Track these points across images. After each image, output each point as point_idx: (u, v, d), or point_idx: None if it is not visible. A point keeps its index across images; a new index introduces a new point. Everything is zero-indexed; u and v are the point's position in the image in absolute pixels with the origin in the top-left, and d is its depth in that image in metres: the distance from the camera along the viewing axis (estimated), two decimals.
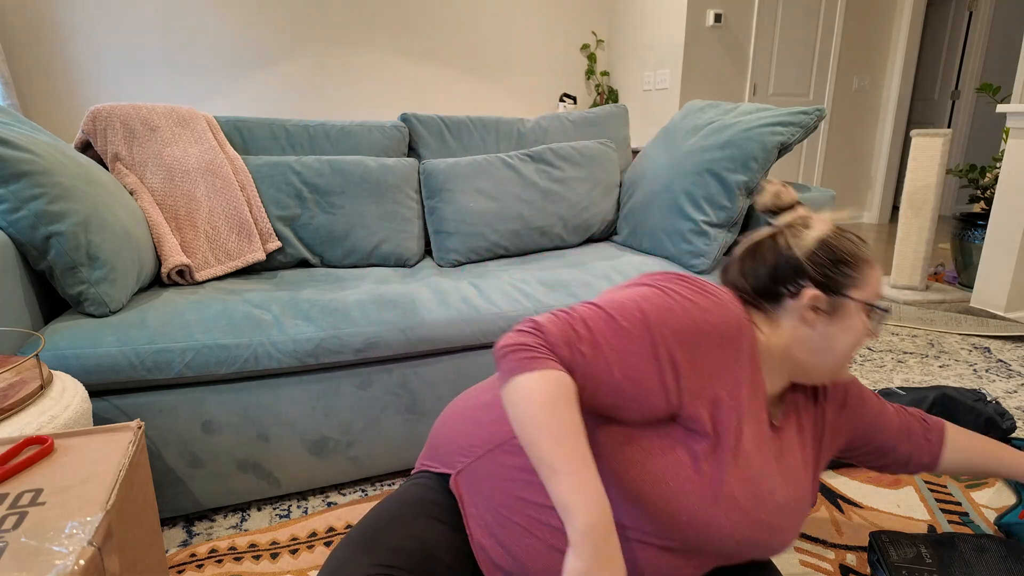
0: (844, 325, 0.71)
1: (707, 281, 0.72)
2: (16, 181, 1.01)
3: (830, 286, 0.71)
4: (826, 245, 0.72)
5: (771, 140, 1.41)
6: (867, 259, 0.73)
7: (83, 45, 3.17)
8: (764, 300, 0.74)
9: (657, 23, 3.85)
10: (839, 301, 0.71)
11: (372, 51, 3.78)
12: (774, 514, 0.70)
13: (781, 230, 0.75)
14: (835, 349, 0.72)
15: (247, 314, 1.14)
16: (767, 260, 0.73)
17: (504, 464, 0.72)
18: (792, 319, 0.72)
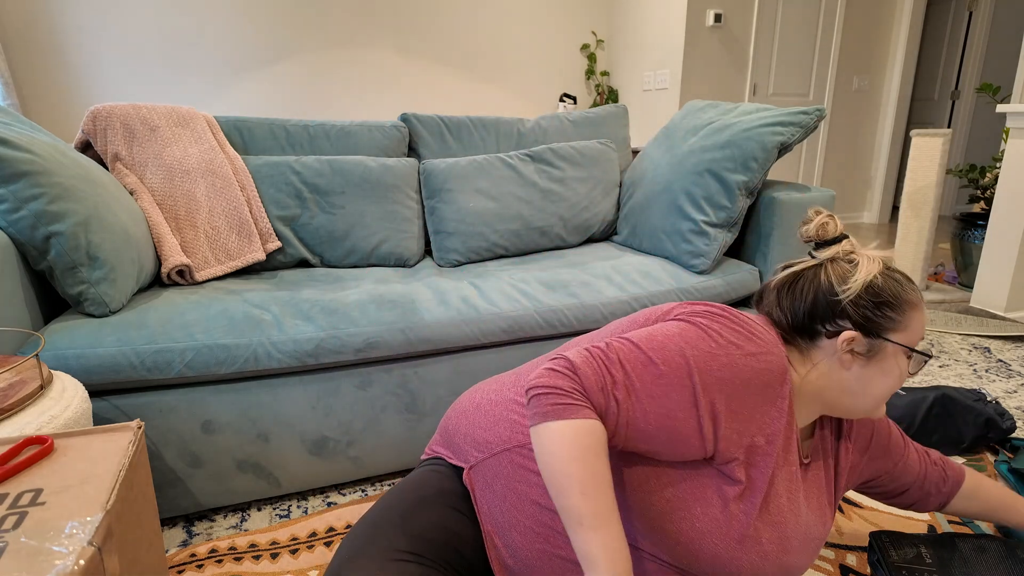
0: (881, 368, 0.69)
1: (747, 316, 0.69)
2: (16, 181, 1.01)
3: (870, 328, 0.68)
4: (871, 287, 0.69)
5: (771, 140, 1.41)
6: (912, 302, 0.70)
7: (83, 45, 3.17)
8: (799, 336, 0.72)
9: (657, 23, 3.85)
10: (878, 344, 0.68)
11: (372, 51, 3.78)
12: (794, 555, 0.69)
13: (824, 264, 0.72)
14: (869, 392, 0.69)
15: (247, 314, 1.14)
16: (807, 297, 0.71)
17: (519, 466, 0.71)
18: (827, 358, 0.70)
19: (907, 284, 0.71)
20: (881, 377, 0.69)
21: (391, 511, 0.71)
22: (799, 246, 1.50)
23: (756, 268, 1.53)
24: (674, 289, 1.41)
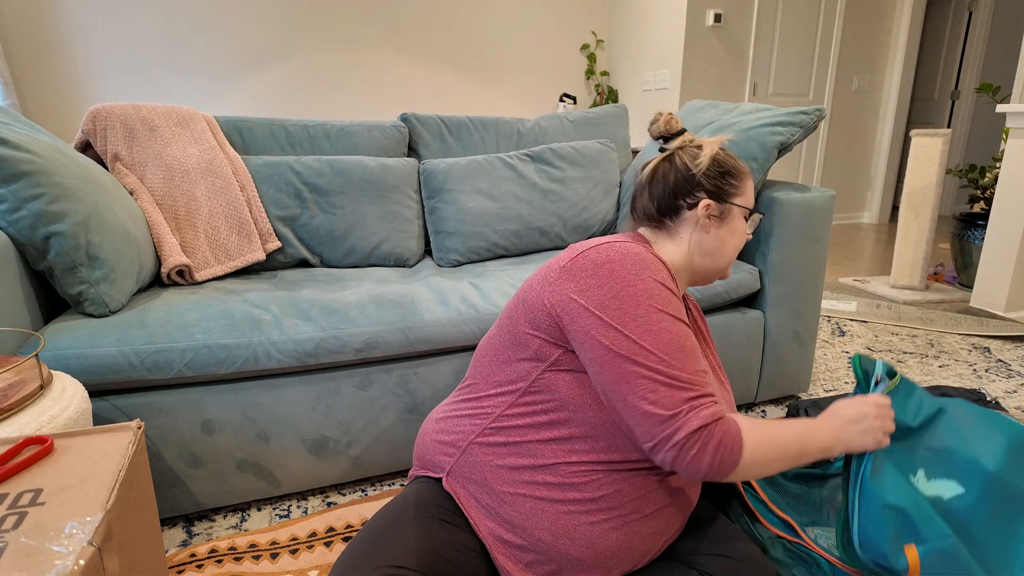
0: (731, 228, 0.85)
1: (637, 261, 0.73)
2: (16, 181, 1.01)
3: (720, 194, 0.84)
4: (716, 161, 0.84)
5: (771, 140, 1.41)
6: (745, 171, 0.86)
7: (83, 45, 3.17)
8: (667, 217, 0.85)
9: (657, 23, 3.85)
10: (727, 208, 0.84)
11: (372, 51, 3.78)
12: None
13: (675, 152, 0.86)
14: (724, 251, 0.85)
15: (247, 314, 1.14)
16: (668, 180, 0.84)
17: (487, 448, 0.75)
18: (690, 228, 0.84)
19: (737, 158, 0.88)
20: (731, 236, 0.85)
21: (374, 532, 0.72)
22: (799, 246, 1.50)
23: (756, 268, 1.53)
24: None
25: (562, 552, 0.71)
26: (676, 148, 0.86)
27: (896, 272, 2.79)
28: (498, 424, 0.76)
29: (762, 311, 1.54)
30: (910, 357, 1.98)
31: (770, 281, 1.51)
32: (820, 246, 1.52)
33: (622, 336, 0.68)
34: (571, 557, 0.71)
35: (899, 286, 2.79)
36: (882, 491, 0.74)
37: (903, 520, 0.72)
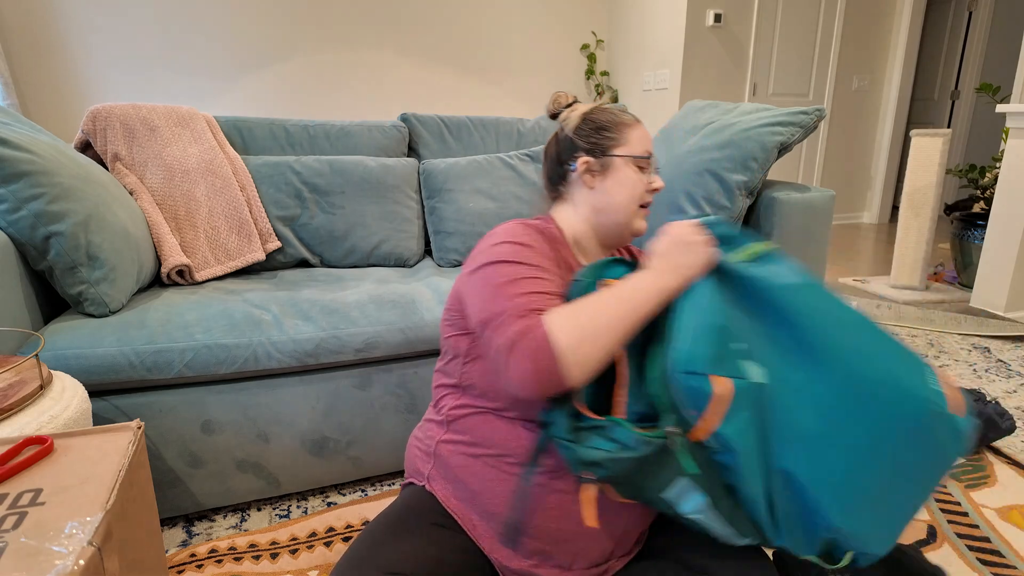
0: (616, 179, 0.85)
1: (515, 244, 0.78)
2: (16, 181, 1.01)
3: (596, 149, 0.85)
4: (588, 119, 0.86)
5: (771, 140, 1.41)
6: (626, 122, 0.86)
7: (83, 45, 3.17)
8: (558, 185, 0.88)
9: (657, 23, 3.85)
10: (607, 160, 0.85)
11: (372, 51, 3.78)
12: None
13: (561, 126, 0.88)
14: (615, 202, 0.84)
15: (247, 314, 1.14)
16: (551, 150, 0.89)
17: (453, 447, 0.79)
18: (579, 189, 0.86)
19: (620, 112, 0.88)
20: (619, 188, 0.84)
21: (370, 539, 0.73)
22: (799, 246, 1.50)
23: None
24: None
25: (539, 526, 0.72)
26: (562, 120, 0.89)
27: (896, 272, 2.79)
28: (453, 423, 0.80)
29: None
30: None
31: None
32: (820, 246, 1.52)
33: (466, 289, 0.76)
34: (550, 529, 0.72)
35: (899, 286, 2.79)
36: (713, 309, 0.67)
37: (727, 346, 0.65)
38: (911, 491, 0.65)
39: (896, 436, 0.63)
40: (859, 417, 0.63)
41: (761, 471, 0.64)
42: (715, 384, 0.62)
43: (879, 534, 0.64)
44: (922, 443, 0.63)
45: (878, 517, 0.64)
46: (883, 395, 0.63)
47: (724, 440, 0.63)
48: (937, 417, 0.63)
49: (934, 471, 0.65)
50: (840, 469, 0.63)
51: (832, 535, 0.64)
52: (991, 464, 1.34)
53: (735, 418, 0.62)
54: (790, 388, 0.65)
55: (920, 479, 0.65)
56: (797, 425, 0.64)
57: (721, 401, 0.62)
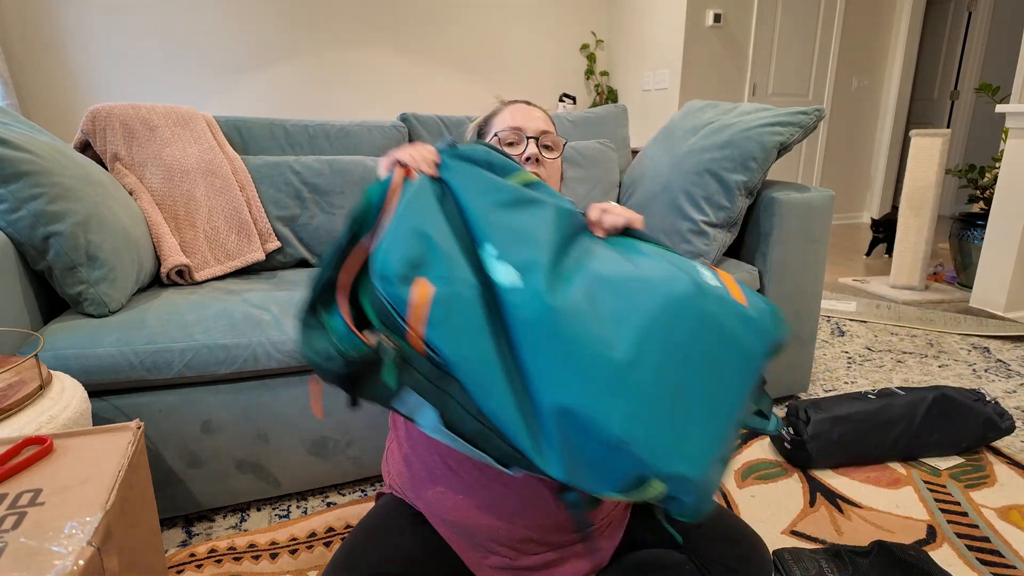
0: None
1: None
2: (15, 181, 1.01)
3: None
4: (476, 125, 0.97)
5: (770, 140, 1.41)
6: (494, 112, 0.93)
7: (83, 45, 3.17)
8: None
9: (656, 23, 3.85)
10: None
11: (372, 51, 3.78)
12: None
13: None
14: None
15: (247, 314, 1.14)
16: None
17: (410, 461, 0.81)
18: None
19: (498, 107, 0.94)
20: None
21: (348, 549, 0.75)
22: (799, 246, 1.50)
23: (756, 268, 1.53)
24: None
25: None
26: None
27: (896, 272, 2.80)
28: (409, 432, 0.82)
29: None
30: (909, 357, 1.98)
31: (770, 281, 1.51)
32: (820, 246, 1.52)
33: None
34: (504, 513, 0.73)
35: (899, 286, 2.79)
36: (422, 216, 0.64)
37: (428, 251, 0.61)
38: (711, 390, 0.57)
39: (665, 322, 0.57)
40: (617, 310, 0.58)
41: (506, 384, 0.58)
42: (414, 288, 0.59)
43: (683, 448, 0.54)
44: (704, 329, 0.58)
45: (675, 423, 0.55)
46: (639, 285, 0.59)
47: (435, 347, 0.58)
48: (713, 300, 0.59)
49: (734, 366, 0.58)
50: (604, 370, 0.55)
51: (620, 453, 0.54)
52: (991, 464, 1.34)
53: (443, 324, 0.58)
54: (539, 292, 0.59)
55: (717, 374, 0.57)
56: (547, 330, 0.57)
57: (420, 305, 0.59)
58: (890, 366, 1.91)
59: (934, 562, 0.98)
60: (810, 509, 1.19)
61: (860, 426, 1.31)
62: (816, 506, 1.20)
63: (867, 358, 1.97)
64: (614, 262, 0.63)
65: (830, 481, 1.28)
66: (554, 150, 0.91)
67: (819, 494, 1.24)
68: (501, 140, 0.89)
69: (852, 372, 1.86)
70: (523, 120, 0.89)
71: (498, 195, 0.67)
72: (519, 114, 0.90)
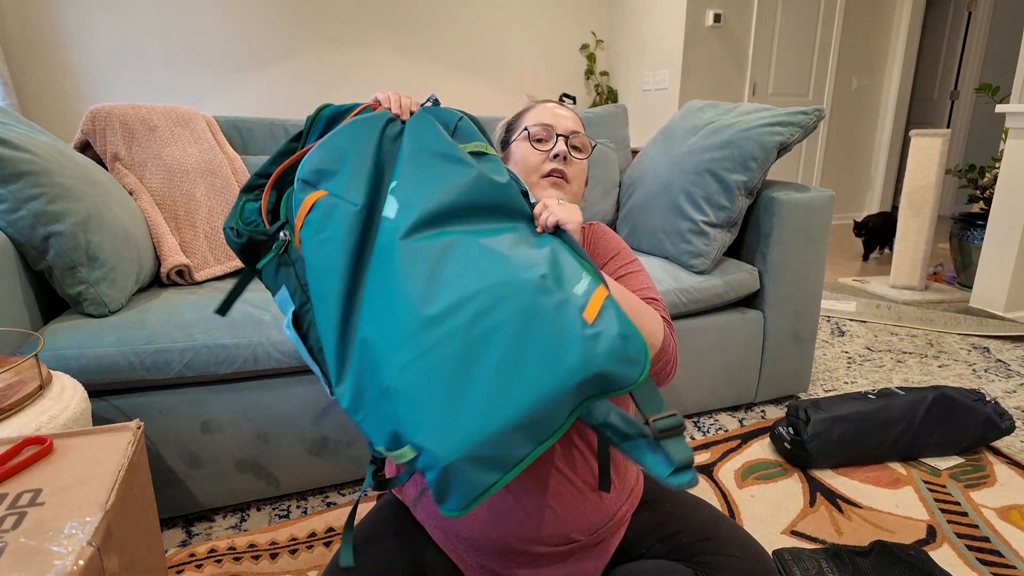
0: (515, 159, 0.91)
1: None
2: (15, 181, 1.01)
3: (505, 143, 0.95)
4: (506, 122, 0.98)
5: (770, 140, 1.41)
6: (524, 110, 0.95)
7: (83, 45, 3.17)
8: None
9: (656, 23, 3.85)
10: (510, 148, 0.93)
11: (372, 51, 3.78)
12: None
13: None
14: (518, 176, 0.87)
15: (246, 314, 1.14)
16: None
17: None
18: None
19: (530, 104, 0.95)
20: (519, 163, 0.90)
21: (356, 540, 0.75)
22: (799, 246, 1.50)
23: (756, 268, 1.53)
24: (673, 289, 1.41)
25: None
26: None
27: (896, 272, 2.80)
28: None
29: (762, 311, 1.54)
30: (909, 357, 1.98)
31: (770, 281, 1.51)
32: (820, 246, 1.52)
33: None
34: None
35: (899, 286, 2.79)
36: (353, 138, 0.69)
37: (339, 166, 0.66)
38: (500, 383, 0.53)
39: (486, 299, 0.56)
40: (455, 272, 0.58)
41: (339, 301, 0.60)
42: (312, 193, 0.65)
43: (443, 425, 0.51)
44: (523, 322, 0.55)
45: (446, 396, 0.52)
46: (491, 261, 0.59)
47: (303, 244, 0.64)
48: (551, 300, 0.57)
49: (536, 371, 0.53)
50: (409, 320, 0.55)
51: (386, 403, 0.53)
52: (991, 464, 1.34)
53: (312, 226, 0.63)
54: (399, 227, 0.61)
55: (514, 371, 0.53)
56: (388, 263, 0.60)
57: (306, 207, 0.64)
58: (890, 366, 1.91)
59: (934, 562, 0.98)
60: (810, 509, 1.19)
61: (860, 426, 1.31)
62: (816, 506, 1.20)
63: (867, 358, 1.97)
64: (501, 240, 0.63)
65: (830, 481, 1.28)
66: (583, 151, 0.92)
67: (819, 494, 1.24)
68: (531, 135, 0.89)
69: (852, 372, 1.86)
70: (554, 118, 0.90)
71: (433, 146, 0.70)
72: (550, 112, 0.91)
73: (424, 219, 0.62)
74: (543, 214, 0.69)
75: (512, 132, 0.94)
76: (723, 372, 1.52)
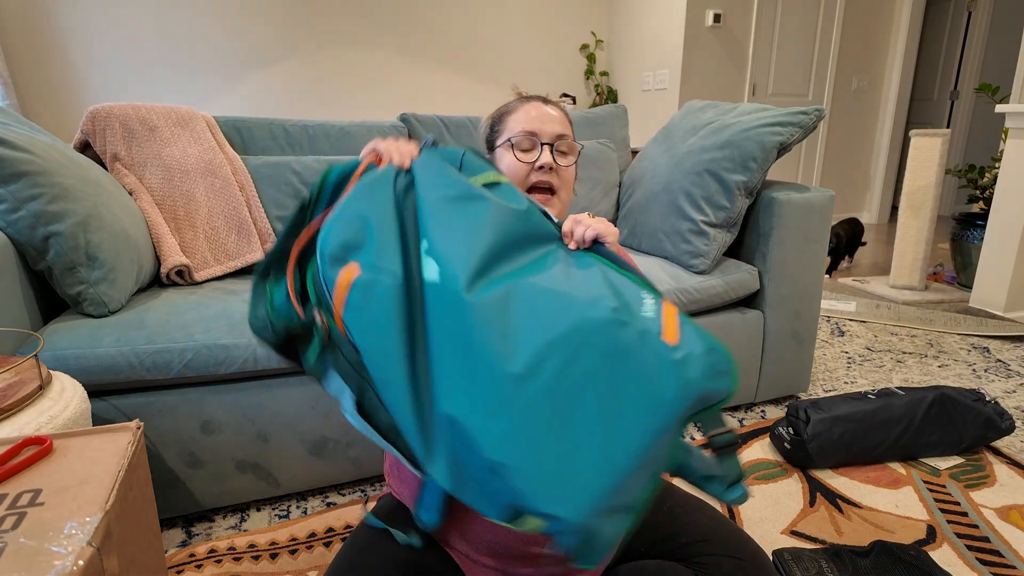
0: (502, 167, 0.88)
1: None
2: (15, 181, 1.01)
3: (490, 145, 0.92)
4: (491, 118, 0.93)
5: (770, 140, 1.41)
6: (509, 110, 0.89)
7: (83, 45, 3.17)
8: None
9: (656, 23, 3.85)
10: (495, 153, 0.90)
11: (372, 51, 3.78)
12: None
13: None
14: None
15: (246, 314, 1.14)
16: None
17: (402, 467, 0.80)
18: None
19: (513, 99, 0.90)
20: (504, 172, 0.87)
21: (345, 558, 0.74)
22: (798, 246, 1.50)
23: (755, 268, 1.53)
24: (673, 289, 1.41)
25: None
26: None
27: (895, 272, 2.80)
28: None
29: (761, 311, 1.54)
30: (909, 357, 1.98)
31: (769, 281, 1.51)
32: (819, 246, 1.52)
33: None
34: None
35: (898, 286, 2.79)
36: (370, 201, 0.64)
37: (365, 236, 0.61)
38: (607, 430, 0.52)
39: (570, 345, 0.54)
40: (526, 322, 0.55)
41: (407, 381, 0.56)
42: (343, 270, 0.59)
43: (564, 487, 0.50)
44: (612, 362, 0.54)
45: (558, 457, 0.51)
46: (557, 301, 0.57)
47: (349, 331, 0.58)
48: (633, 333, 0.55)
49: (639, 409, 0.53)
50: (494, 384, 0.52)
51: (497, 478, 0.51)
52: (991, 464, 1.34)
53: (357, 309, 0.58)
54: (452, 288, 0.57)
55: (616, 415, 0.52)
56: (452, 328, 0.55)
57: (343, 287, 0.59)
58: (890, 366, 1.91)
59: (934, 562, 0.98)
60: (810, 509, 1.19)
61: (860, 426, 1.31)
62: (816, 506, 1.20)
63: (867, 358, 1.97)
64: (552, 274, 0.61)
65: (830, 481, 1.28)
66: (569, 155, 0.89)
67: (819, 494, 1.24)
68: (515, 145, 0.86)
69: (852, 372, 1.86)
70: (539, 123, 0.86)
71: (448, 190, 0.66)
72: (535, 116, 0.86)
73: (473, 274, 0.58)
74: (577, 229, 0.68)
75: (497, 134, 0.90)
76: None
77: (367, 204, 0.64)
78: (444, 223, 0.62)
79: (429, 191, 0.66)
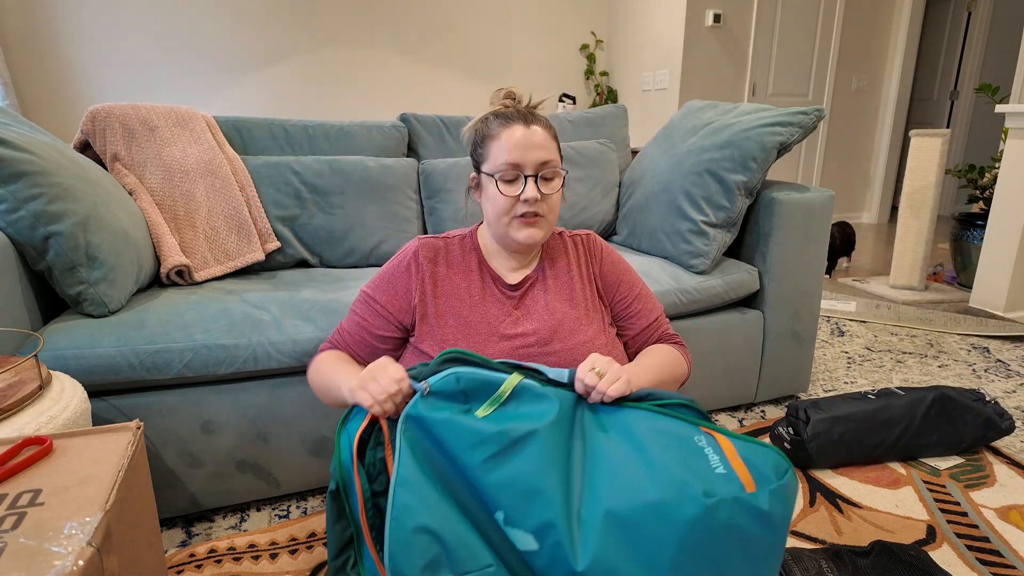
0: (486, 196, 0.89)
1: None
2: (15, 181, 1.01)
3: (477, 166, 0.90)
4: (475, 131, 0.91)
5: (770, 140, 1.41)
6: (491, 134, 0.87)
7: (83, 45, 3.17)
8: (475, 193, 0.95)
9: (656, 23, 3.85)
10: (481, 177, 0.90)
11: (372, 51, 3.78)
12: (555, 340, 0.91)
13: None
14: (490, 218, 0.90)
15: (246, 314, 1.14)
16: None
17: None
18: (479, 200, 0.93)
19: (497, 118, 0.87)
20: (488, 204, 0.89)
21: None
22: (798, 246, 1.50)
23: (755, 268, 1.53)
24: (673, 289, 1.41)
25: None
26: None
27: (895, 272, 2.80)
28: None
29: (761, 311, 1.54)
30: (909, 357, 1.98)
31: (769, 281, 1.51)
32: (819, 246, 1.52)
33: None
34: None
35: (898, 286, 2.79)
36: (419, 505, 0.63)
37: (440, 549, 0.61)
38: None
39: (689, 550, 0.57)
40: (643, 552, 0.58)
41: None
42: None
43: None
44: (723, 542, 0.58)
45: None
46: (654, 517, 0.59)
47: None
48: (726, 508, 0.58)
49: (746, 561, 0.58)
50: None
51: None
52: (990, 464, 1.34)
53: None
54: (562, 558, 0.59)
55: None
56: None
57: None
58: (890, 366, 1.91)
59: (934, 562, 0.98)
60: (810, 509, 1.19)
61: (860, 426, 1.31)
62: (816, 506, 1.20)
63: (867, 358, 1.97)
64: (621, 484, 0.62)
65: (830, 481, 1.28)
66: (554, 180, 0.88)
67: (819, 494, 1.24)
68: (499, 179, 0.86)
69: (852, 372, 1.86)
70: (520, 153, 0.84)
71: (487, 448, 0.65)
72: (517, 143, 0.84)
73: (565, 524, 0.60)
74: (592, 395, 0.71)
75: (481, 158, 0.89)
76: (723, 372, 1.52)
77: (417, 512, 0.63)
78: (507, 487, 0.63)
79: (468, 454, 0.65)
